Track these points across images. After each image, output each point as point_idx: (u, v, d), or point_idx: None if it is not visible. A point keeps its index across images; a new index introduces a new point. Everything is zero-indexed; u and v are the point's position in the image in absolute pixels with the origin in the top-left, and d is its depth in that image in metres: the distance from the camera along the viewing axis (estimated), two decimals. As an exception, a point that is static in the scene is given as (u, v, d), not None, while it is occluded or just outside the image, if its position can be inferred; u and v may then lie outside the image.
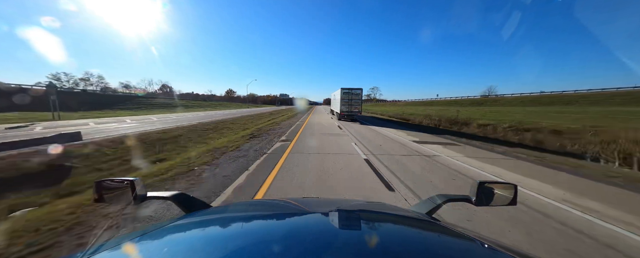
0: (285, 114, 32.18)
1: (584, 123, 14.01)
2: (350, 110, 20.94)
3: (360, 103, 21.06)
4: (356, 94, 20.89)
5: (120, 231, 2.91)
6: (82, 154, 6.97)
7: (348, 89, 20.77)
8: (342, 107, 20.97)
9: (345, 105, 20.90)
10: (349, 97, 20.77)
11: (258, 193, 4.18)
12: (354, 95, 20.84)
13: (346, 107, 20.96)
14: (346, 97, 20.81)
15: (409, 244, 0.79)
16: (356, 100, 20.96)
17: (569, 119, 16.74)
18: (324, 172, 5.50)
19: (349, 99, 20.77)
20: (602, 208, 3.88)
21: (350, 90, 20.80)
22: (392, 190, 4.42)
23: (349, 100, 20.79)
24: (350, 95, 20.75)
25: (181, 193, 1.20)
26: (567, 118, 17.76)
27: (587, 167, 6.67)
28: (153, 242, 0.77)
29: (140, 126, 15.67)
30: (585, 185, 5.08)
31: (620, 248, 2.79)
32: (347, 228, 0.88)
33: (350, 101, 20.83)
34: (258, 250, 0.66)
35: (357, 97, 20.89)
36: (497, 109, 31.58)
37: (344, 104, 20.86)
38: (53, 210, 3.29)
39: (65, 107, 26.79)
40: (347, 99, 20.81)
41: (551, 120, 16.94)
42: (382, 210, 1.26)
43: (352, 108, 20.94)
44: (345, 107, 20.96)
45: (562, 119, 17.55)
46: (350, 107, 20.93)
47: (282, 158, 6.99)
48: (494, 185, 1.19)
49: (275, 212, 1.16)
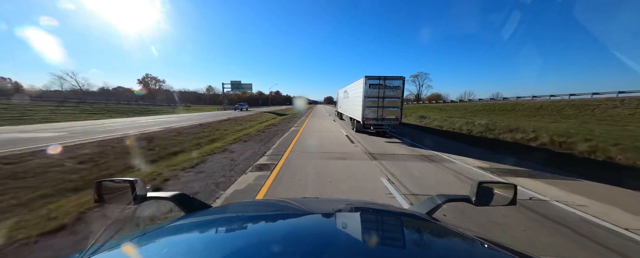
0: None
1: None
2: (382, 116, 11.57)
3: (400, 104, 11.70)
4: (394, 88, 11.48)
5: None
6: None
7: (378, 79, 11.33)
8: (367, 112, 11.56)
9: (373, 108, 11.51)
10: (379, 94, 11.40)
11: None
12: (390, 90, 11.45)
13: (374, 111, 11.56)
14: (374, 94, 11.43)
15: (409, 244, 0.80)
16: (394, 100, 11.60)
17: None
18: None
19: (379, 96, 11.42)
20: None
21: (382, 81, 11.33)
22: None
23: (380, 99, 11.44)
24: (382, 90, 11.39)
25: (181, 193, 1.20)
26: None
27: None
28: (153, 243, 0.76)
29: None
30: None
31: None
32: (348, 228, 0.88)
33: (383, 100, 11.48)
34: (258, 251, 0.66)
35: (394, 93, 11.52)
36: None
37: (370, 105, 11.49)
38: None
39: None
40: (375, 97, 11.45)
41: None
42: (382, 210, 1.25)
43: (385, 113, 11.56)
44: (371, 111, 11.55)
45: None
46: (381, 111, 11.55)
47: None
48: (494, 185, 1.18)
49: (275, 212, 1.16)
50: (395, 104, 11.57)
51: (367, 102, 11.47)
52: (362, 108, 11.58)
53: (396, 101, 11.56)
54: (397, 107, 11.62)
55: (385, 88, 11.35)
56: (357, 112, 12.60)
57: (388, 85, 11.36)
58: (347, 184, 4.77)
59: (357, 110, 12.76)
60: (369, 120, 11.63)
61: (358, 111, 12.43)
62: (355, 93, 13.07)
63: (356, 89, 12.94)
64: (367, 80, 11.26)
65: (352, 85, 14.43)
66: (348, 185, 4.73)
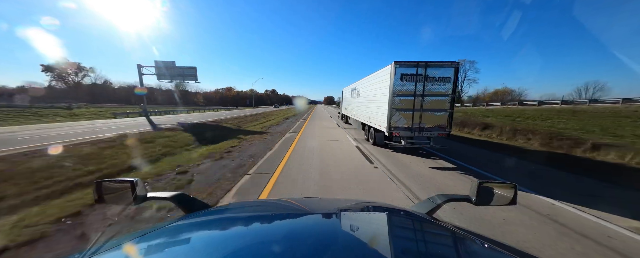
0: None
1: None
2: (420, 125, 7.46)
3: (449, 106, 7.43)
4: (440, 81, 7.25)
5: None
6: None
7: (416, 66, 7.12)
8: (396, 117, 7.50)
9: (407, 112, 7.46)
10: (416, 90, 7.24)
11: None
12: (435, 83, 7.23)
13: (407, 116, 7.47)
14: (408, 90, 7.30)
15: (409, 244, 0.81)
16: (440, 99, 7.39)
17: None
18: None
19: (417, 93, 7.27)
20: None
21: (422, 69, 7.11)
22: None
23: (418, 99, 7.32)
24: (421, 83, 7.19)
25: (181, 193, 1.21)
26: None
27: None
28: (153, 243, 0.77)
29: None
30: None
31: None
32: (348, 228, 0.88)
33: (423, 100, 7.32)
34: (258, 251, 0.67)
35: (442, 89, 7.27)
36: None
37: (401, 107, 7.44)
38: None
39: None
40: (410, 95, 7.33)
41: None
42: (382, 210, 1.21)
43: (425, 119, 7.44)
44: (404, 116, 7.48)
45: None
46: (419, 116, 7.43)
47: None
48: (494, 184, 1.18)
49: (276, 213, 1.16)
50: (441, 105, 7.38)
51: (396, 102, 7.42)
52: (387, 111, 7.55)
53: (444, 101, 7.35)
54: (445, 111, 7.41)
55: (427, 80, 7.21)
56: (378, 117, 8.56)
57: (431, 76, 7.21)
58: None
59: (377, 114, 8.71)
60: (399, 130, 7.56)
61: (379, 115, 8.40)
62: (375, 89, 8.98)
63: (376, 83, 8.86)
64: (397, 68, 7.22)
65: (369, 79, 10.22)
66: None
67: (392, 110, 7.46)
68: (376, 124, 8.97)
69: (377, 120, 8.77)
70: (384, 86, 7.95)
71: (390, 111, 7.48)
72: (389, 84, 7.47)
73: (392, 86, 7.32)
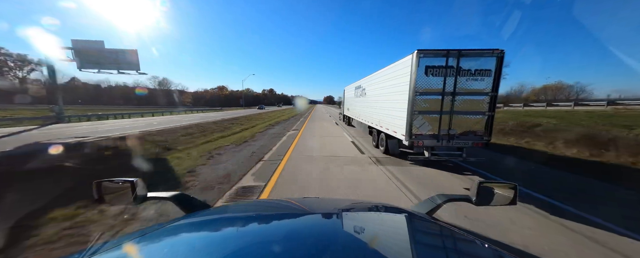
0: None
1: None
2: (450, 131, 5.77)
3: (489, 107, 5.75)
4: (478, 74, 5.54)
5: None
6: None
7: (445, 56, 5.42)
8: (419, 122, 5.80)
9: (433, 115, 5.76)
10: (446, 87, 5.58)
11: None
12: (470, 78, 5.54)
13: (434, 120, 5.79)
14: (434, 87, 5.63)
15: (409, 244, 0.79)
16: (476, 98, 5.73)
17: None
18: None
19: (447, 91, 5.61)
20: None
21: (454, 60, 5.43)
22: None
23: (447, 98, 5.65)
24: (452, 78, 5.52)
25: (181, 193, 1.20)
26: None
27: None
28: (153, 243, 0.76)
29: None
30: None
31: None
32: (348, 228, 0.88)
33: (454, 99, 5.65)
34: (258, 251, 0.66)
35: (479, 85, 5.58)
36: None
37: (425, 109, 5.75)
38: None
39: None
40: (437, 94, 5.64)
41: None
42: (382, 210, 1.18)
43: (457, 124, 5.76)
44: (429, 120, 5.80)
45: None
46: (449, 120, 5.75)
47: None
48: (494, 184, 1.18)
49: (276, 213, 1.15)
50: (478, 106, 5.72)
51: (419, 102, 5.76)
52: (406, 114, 5.90)
53: (481, 101, 5.69)
54: (483, 114, 5.75)
55: (460, 74, 5.55)
56: (392, 121, 6.91)
57: (466, 69, 5.54)
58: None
59: (391, 117, 7.05)
60: (422, 138, 5.91)
61: (394, 119, 6.75)
62: (389, 87, 7.25)
63: (390, 79, 7.17)
64: (421, 58, 5.55)
65: (380, 74, 8.43)
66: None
67: (414, 113, 5.80)
68: (389, 129, 7.31)
69: (391, 125, 7.11)
70: (401, 82, 6.28)
71: (410, 114, 5.82)
72: (409, 79, 5.81)
73: (414, 82, 5.65)
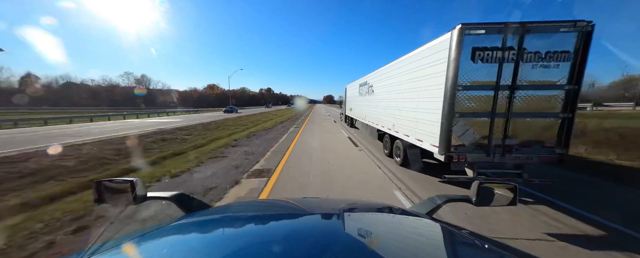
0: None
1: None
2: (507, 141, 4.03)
3: (563, 106, 3.96)
4: (551, 61, 3.74)
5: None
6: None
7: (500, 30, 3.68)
8: (460, 129, 4.05)
9: (481, 118, 4.02)
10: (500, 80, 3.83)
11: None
12: (542, 63, 3.75)
13: (483, 124, 4.03)
14: (484, 78, 3.85)
15: (409, 244, 0.79)
16: (548, 93, 3.96)
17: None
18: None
19: (501, 84, 3.86)
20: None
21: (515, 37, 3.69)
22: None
23: (502, 93, 3.89)
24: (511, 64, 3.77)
25: (181, 193, 1.19)
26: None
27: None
28: (153, 243, 0.76)
29: None
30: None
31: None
32: (348, 228, 0.86)
33: (513, 95, 3.88)
34: (258, 251, 0.66)
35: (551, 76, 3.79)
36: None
37: (470, 110, 4.00)
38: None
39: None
40: (488, 87, 3.88)
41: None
42: (382, 210, 1.21)
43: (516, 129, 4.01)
44: (475, 127, 4.05)
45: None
46: (503, 126, 3.98)
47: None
48: (495, 185, 1.17)
49: (276, 213, 1.15)
50: (549, 104, 3.98)
51: (462, 101, 4.03)
52: (441, 117, 4.19)
53: (554, 97, 3.96)
54: (556, 115, 4.01)
55: (523, 58, 3.82)
56: (417, 125, 5.16)
57: (531, 52, 3.81)
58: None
59: (414, 120, 5.31)
60: (465, 151, 4.17)
61: (420, 122, 5.03)
62: (414, 80, 5.39)
63: (416, 68, 5.33)
64: (466, 36, 3.81)
65: (398, 64, 6.51)
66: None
67: (453, 116, 4.07)
68: (410, 137, 5.59)
69: (414, 131, 5.38)
70: (433, 74, 4.56)
71: (448, 117, 4.10)
72: (445, 68, 4.09)
73: (455, 71, 3.92)
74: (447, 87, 4.08)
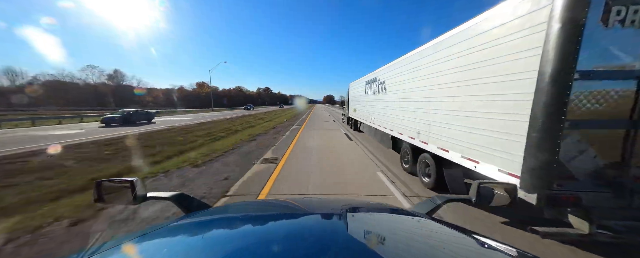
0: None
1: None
2: None
3: None
4: None
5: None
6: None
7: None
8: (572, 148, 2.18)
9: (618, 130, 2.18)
10: None
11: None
12: None
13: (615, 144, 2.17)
14: (618, 63, 2.10)
15: (409, 244, 0.78)
16: None
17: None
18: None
19: None
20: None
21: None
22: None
23: None
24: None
25: (181, 193, 1.18)
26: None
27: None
28: (153, 243, 0.75)
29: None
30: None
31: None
32: (348, 228, 0.85)
33: None
34: (258, 251, 0.65)
35: None
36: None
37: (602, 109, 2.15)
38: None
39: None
40: (629, 74, 2.06)
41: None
42: (382, 210, 1.20)
43: None
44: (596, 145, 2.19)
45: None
46: None
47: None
48: (494, 185, 1.16)
49: (275, 213, 1.14)
50: None
51: (580, 97, 2.20)
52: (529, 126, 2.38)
53: None
54: None
55: None
56: (472, 136, 3.29)
57: None
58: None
59: (460, 128, 3.46)
60: (579, 187, 2.34)
61: (476, 131, 3.17)
62: (473, 66, 3.43)
63: (479, 43, 3.36)
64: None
65: (448, 41, 4.29)
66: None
67: (560, 125, 2.25)
68: (454, 153, 3.76)
69: (463, 145, 3.55)
70: (515, 51, 2.72)
71: (549, 126, 2.28)
72: (543, 37, 2.28)
73: (569, 43, 2.11)
74: (548, 74, 2.26)
